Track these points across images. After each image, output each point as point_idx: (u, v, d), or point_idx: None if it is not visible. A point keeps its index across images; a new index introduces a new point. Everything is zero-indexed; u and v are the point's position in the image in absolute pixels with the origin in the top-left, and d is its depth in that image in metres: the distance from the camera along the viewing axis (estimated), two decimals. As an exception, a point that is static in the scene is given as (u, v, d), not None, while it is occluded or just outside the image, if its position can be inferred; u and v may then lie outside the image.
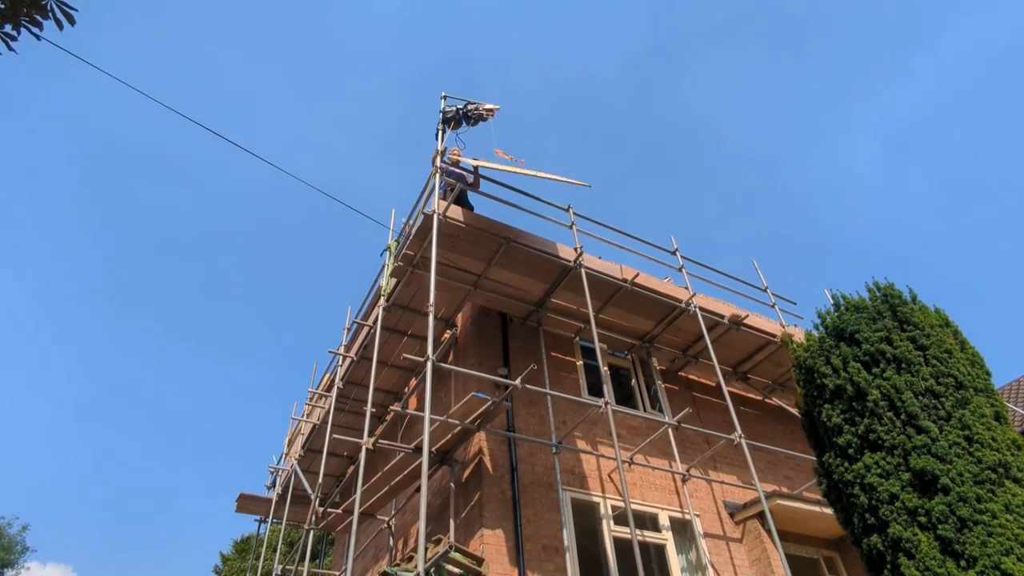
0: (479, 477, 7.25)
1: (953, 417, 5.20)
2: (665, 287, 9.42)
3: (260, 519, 14.63)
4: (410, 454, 7.12)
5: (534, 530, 7.04)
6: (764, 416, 11.00)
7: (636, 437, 8.70)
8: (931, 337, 5.69)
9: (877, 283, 6.28)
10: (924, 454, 5.02)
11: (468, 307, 9.39)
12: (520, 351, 8.92)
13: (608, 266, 8.96)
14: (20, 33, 3.89)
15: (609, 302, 9.09)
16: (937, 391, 5.36)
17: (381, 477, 7.49)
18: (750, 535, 8.42)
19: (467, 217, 8.01)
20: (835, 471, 5.64)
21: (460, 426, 7.01)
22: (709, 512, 8.59)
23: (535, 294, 8.95)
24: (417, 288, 8.61)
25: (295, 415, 13.04)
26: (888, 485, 5.10)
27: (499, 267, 8.39)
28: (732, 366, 10.64)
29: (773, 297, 10.64)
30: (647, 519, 8.02)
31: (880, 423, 5.37)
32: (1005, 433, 5.16)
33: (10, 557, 30.43)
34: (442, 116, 8.71)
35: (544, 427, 8.10)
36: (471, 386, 7.89)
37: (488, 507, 6.96)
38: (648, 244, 9.76)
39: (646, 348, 10.07)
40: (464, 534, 7.04)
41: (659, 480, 8.49)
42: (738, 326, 9.72)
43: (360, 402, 10.23)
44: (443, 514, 7.63)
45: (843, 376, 5.76)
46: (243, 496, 13.83)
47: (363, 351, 9.62)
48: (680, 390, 10.34)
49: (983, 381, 5.56)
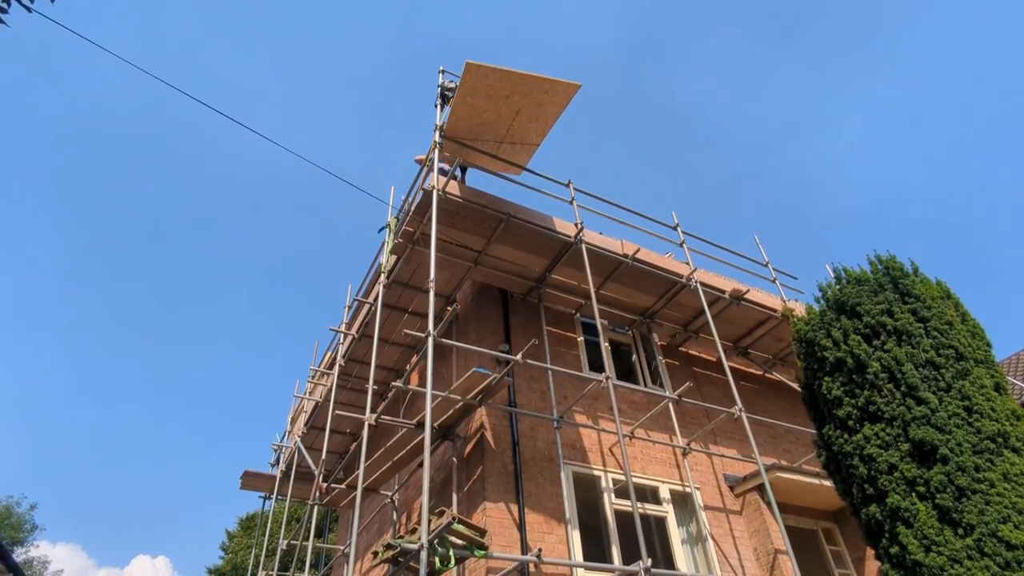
0: (481, 452, 7.30)
1: (953, 388, 5.22)
2: (666, 262, 9.40)
3: (265, 496, 14.79)
4: (412, 430, 7.17)
5: (536, 503, 7.11)
6: (764, 391, 11.05)
7: (637, 412, 8.75)
8: (932, 309, 5.69)
9: (879, 256, 6.27)
10: (924, 425, 5.05)
11: (469, 284, 9.38)
12: (521, 327, 8.93)
13: (609, 242, 8.93)
14: (10, 5, 3.83)
15: (610, 278, 9.08)
16: (937, 363, 5.37)
17: (384, 453, 7.55)
18: (750, 507, 8.51)
19: (467, 193, 7.96)
20: (835, 443, 5.68)
21: (462, 402, 7.04)
22: (709, 485, 8.67)
23: (536, 270, 8.93)
24: (417, 265, 8.60)
25: (298, 393, 13.12)
26: (887, 456, 5.14)
27: (499, 243, 8.36)
28: (733, 341, 10.66)
29: (774, 272, 10.62)
30: (648, 492, 8.10)
31: (880, 395, 5.39)
32: (1004, 404, 5.19)
33: (19, 535, 30.89)
34: (440, 90, 8.62)
35: (545, 402, 8.14)
36: (472, 362, 7.92)
37: (490, 481, 7.03)
38: (649, 219, 9.72)
39: (647, 324, 10.08)
40: (467, 508, 7.12)
41: (660, 454, 8.55)
42: (739, 301, 9.72)
43: (362, 379, 10.28)
44: (446, 488, 7.70)
45: (844, 349, 5.77)
46: (247, 473, 13.96)
47: (364, 328, 9.64)
48: (681, 365, 10.37)
49: (983, 352, 5.57)
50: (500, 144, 8.43)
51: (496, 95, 7.57)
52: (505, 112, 7.84)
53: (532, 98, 7.68)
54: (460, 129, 8.11)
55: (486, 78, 7.33)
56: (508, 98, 7.62)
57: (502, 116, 7.91)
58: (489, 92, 7.51)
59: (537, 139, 8.47)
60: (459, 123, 8.00)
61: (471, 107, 7.73)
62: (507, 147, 8.50)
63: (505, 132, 8.19)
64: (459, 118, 7.91)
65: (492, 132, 8.17)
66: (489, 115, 7.87)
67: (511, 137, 8.32)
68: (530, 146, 8.58)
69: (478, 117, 7.90)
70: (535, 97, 7.68)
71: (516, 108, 7.76)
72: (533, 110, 7.86)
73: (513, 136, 8.30)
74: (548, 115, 8.00)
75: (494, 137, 8.27)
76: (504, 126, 8.07)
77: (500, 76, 7.31)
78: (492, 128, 8.14)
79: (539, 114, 7.95)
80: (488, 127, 8.09)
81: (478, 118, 7.92)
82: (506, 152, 8.59)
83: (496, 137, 8.27)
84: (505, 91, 7.52)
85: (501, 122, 8.01)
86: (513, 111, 7.82)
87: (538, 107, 7.83)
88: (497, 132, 8.18)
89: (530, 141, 8.48)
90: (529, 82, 7.43)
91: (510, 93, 7.56)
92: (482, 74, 7.27)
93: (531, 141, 8.48)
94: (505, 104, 7.71)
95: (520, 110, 7.80)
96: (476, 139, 8.26)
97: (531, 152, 8.68)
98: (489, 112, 7.82)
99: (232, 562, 27.91)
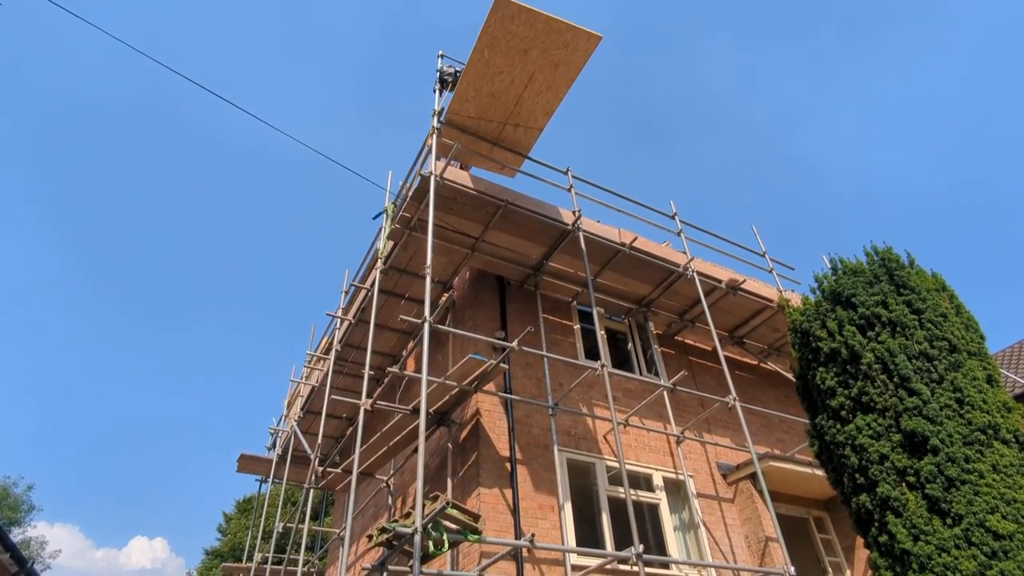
0: (476, 438, 7.35)
1: (945, 380, 5.25)
2: (663, 251, 9.40)
3: (261, 479, 14.89)
4: (408, 415, 7.20)
5: (530, 489, 7.16)
6: (759, 380, 11.11)
7: (632, 400, 8.79)
8: (927, 301, 5.71)
9: (875, 247, 6.28)
10: (915, 416, 5.08)
11: (466, 270, 9.38)
12: (518, 314, 8.94)
13: (606, 230, 8.93)
14: None
15: (607, 266, 9.09)
16: (931, 354, 5.40)
17: (380, 437, 7.58)
18: (742, 495, 8.59)
19: (464, 179, 7.94)
20: (827, 432, 5.73)
21: (458, 388, 7.07)
22: (702, 473, 8.74)
23: (533, 257, 8.93)
24: (414, 251, 8.59)
25: (294, 377, 13.15)
26: (879, 446, 5.19)
27: (497, 230, 8.36)
28: (729, 331, 10.70)
29: (771, 262, 10.63)
30: (641, 479, 8.17)
31: (873, 385, 5.43)
32: (996, 396, 5.22)
33: (17, 516, 31.05)
34: (439, 75, 8.55)
35: (541, 389, 8.18)
36: (468, 348, 7.94)
37: (485, 467, 7.07)
38: (646, 208, 9.70)
39: (643, 312, 10.10)
40: (462, 493, 7.17)
41: (654, 442, 8.61)
42: (735, 291, 9.74)
43: (358, 364, 10.30)
44: (441, 473, 7.75)
45: (838, 339, 5.80)
46: (244, 457, 14.04)
47: (361, 314, 9.65)
48: (676, 354, 10.41)
49: (977, 345, 5.60)
50: (504, 127, 8.34)
51: (515, 49, 7.41)
52: (519, 76, 7.69)
53: (550, 56, 7.51)
54: (468, 102, 7.97)
55: (511, 21, 7.18)
56: (526, 54, 7.45)
57: (515, 82, 7.76)
58: (509, 45, 7.35)
59: (543, 120, 8.37)
60: (469, 91, 7.87)
61: (487, 66, 7.57)
62: (510, 129, 8.41)
63: (513, 107, 8.07)
64: (470, 83, 7.76)
65: (500, 107, 8.04)
66: (502, 81, 7.72)
67: (516, 117, 8.22)
68: (534, 130, 8.50)
69: (490, 84, 7.75)
70: (553, 55, 7.51)
71: (531, 71, 7.60)
72: (548, 73, 7.70)
73: (519, 116, 8.20)
74: (561, 82, 7.86)
75: (500, 116, 8.15)
76: (514, 98, 7.93)
77: (525, 19, 7.14)
78: (501, 101, 7.99)
79: (552, 82, 7.81)
80: (497, 99, 7.94)
81: (489, 85, 7.77)
82: (508, 136, 8.52)
83: (502, 116, 8.15)
84: (525, 44, 7.35)
85: (511, 92, 7.87)
86: (527, 75, 7.66)
87: (553, 69, 7.66)
88: (505, 108, 8.06)
89: (535, 124, 8.39)
90: (553, 29, 7.27)
91: (529, 47, 7.39)
92: (508, 16, 7.15)
93: (536, 124, 8.40)
94: (521, 63, 7.54)
95: (534, 74, 7.67)
96: (481, 118, 8.15)
97: (534, 137, 8.59)
98: (503, 76, 7.66)
99: (230, 543, 28.15)
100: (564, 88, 7.97)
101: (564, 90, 8.00)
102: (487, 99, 8.01)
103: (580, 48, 7.55)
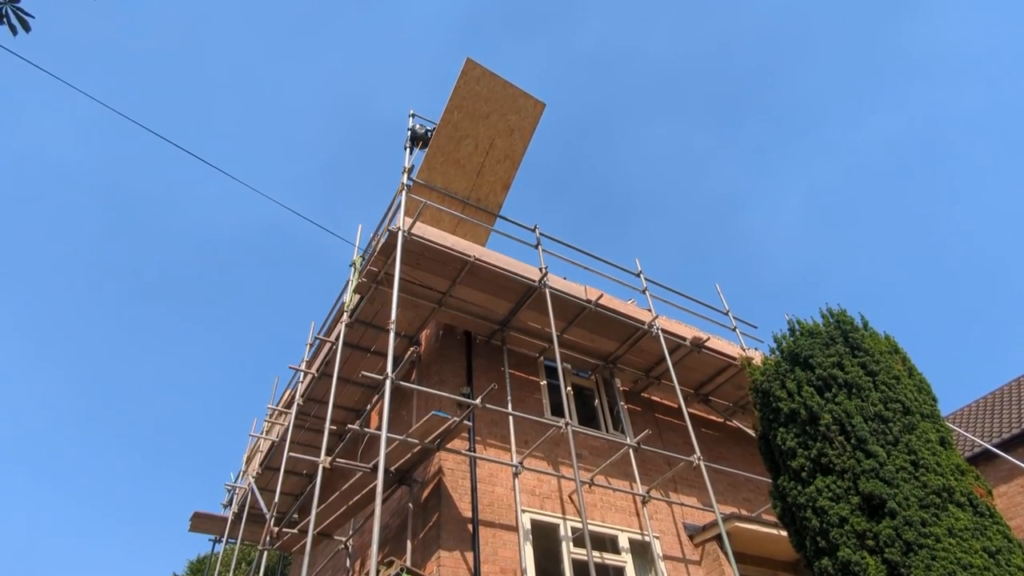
0: (438, 497, 7.17)
1: (900, 442, 5.33)
2: (629, 308, 9.52)
3: (215, 539, 14.21)
4: (368, 473, 7.01)
5: (492, 552, 6.97)
6: (725, 438, 11.12)
7: (598, 458, 8.71)
8: (880, 363, 5.85)
9: (831, 309, 6.45)
10: (872, 478, 5.13)
11: (432, 324, 9.35)
12: (484, 369, 8.89)
13: (572, 286, 9.02)
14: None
15: (573, 322, 9.14)
16: (886, 416, 5.50)
17: (339, 496, 7.35)
18: (708, 557, 8.47)
19: (432, 235, 8.01)
20: (789, 494, 5.73)
21: (420, 445, 6.94)
22: (669, 534, 8.62)
23: (500, 313, 8.96)
24: (381, 305, 8.55)
25: (254, 432, 12.75)
26: (838, 508, 5.20)
27: (464, 285, 8.39)
28: (694, 388, 10.76)
29: (734, 320, 10.82)
30: (607, 541, 8.01)
31: (831, 447, 5.48)
32: (949, 458, 5.31)
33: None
34: (411, 134, 8.73)
35: (506, 446, 8.07)
36: (433, 404, 7.83)
37: (447, 528, 6.88)
38: (612, 265, 9.87)
39: (609, 368, 10.13)
40: (422, 556, 6.94)
41: (620, 501, 8.50)
42: (700, 348, 9.85)
43: (320, 419, 10.06)
44: (401, 535, 7.51)
45: (797, 400, 5.88)
46: (197, 515, 13.42)
47: (324, 367, 9.49)
48: (643, 411, 10.41)
49: (929, 407, 5.73)
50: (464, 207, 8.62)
51: (478, 113, 7.79)
52: (483, 140, 8.03)
53: (507, 121, 7.92)
54: (435, 171, 8.22)
55: (477, 83, 7.59)
56: (487, 118, 7.84)
57: (479, 147, 8.10)
58: (474, 108, 7.75)
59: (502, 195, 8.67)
60: (437, 156, 8.13)
61: (455, 128, 7.89)
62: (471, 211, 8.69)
63: (475, 179, 8.36)
64: (439, 148, 8.04)
65: (464, 179, 8.32)
66: (467, 146, 8.04)
67: (478, 191, 8.49)
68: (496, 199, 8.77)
69: (456, 149, 8.05)
70: (509, 120, 7.91)
71: (491, 137, 7.96)
72: (505, 140, 8.07)
73: (480, 190, 8.47)
74: (517, 150, 8.23)
75: (463, 191, 8.44)
76: (476, 167, 8.23)
77: (487, 83, 7.58)
78: (465, 171, 8.27)
79: (509, 150, 8.16)
80: (462, 168, 8.23)
81: (456, 151, 8.07)
82: (471, 212, 8.77)
83: (465, 191, 8.44)
84: (487, 107, 7.77)
85: (475, 160, 8.18)
86: (488, 141, 8.01)
87: (509, 135, 8.03)
88: (468, 179, 8.35)
89: (495, 197, 8.70)
90: (508, 94, 7.71)
91: (490, 111, 7.80)
92: (475, 78, 7.51)
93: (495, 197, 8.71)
94: (484, 127, 7.91)
95: (495, 140, 8.00)
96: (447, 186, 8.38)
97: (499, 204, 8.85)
98: (468, 141, 8.00)
99: (179, 608, 26.55)
100: (519, 156, 8.33)
101: (519, 158, 8.35)
102: (453, 168, 8.28)
103: (530, 114, 7.98)
